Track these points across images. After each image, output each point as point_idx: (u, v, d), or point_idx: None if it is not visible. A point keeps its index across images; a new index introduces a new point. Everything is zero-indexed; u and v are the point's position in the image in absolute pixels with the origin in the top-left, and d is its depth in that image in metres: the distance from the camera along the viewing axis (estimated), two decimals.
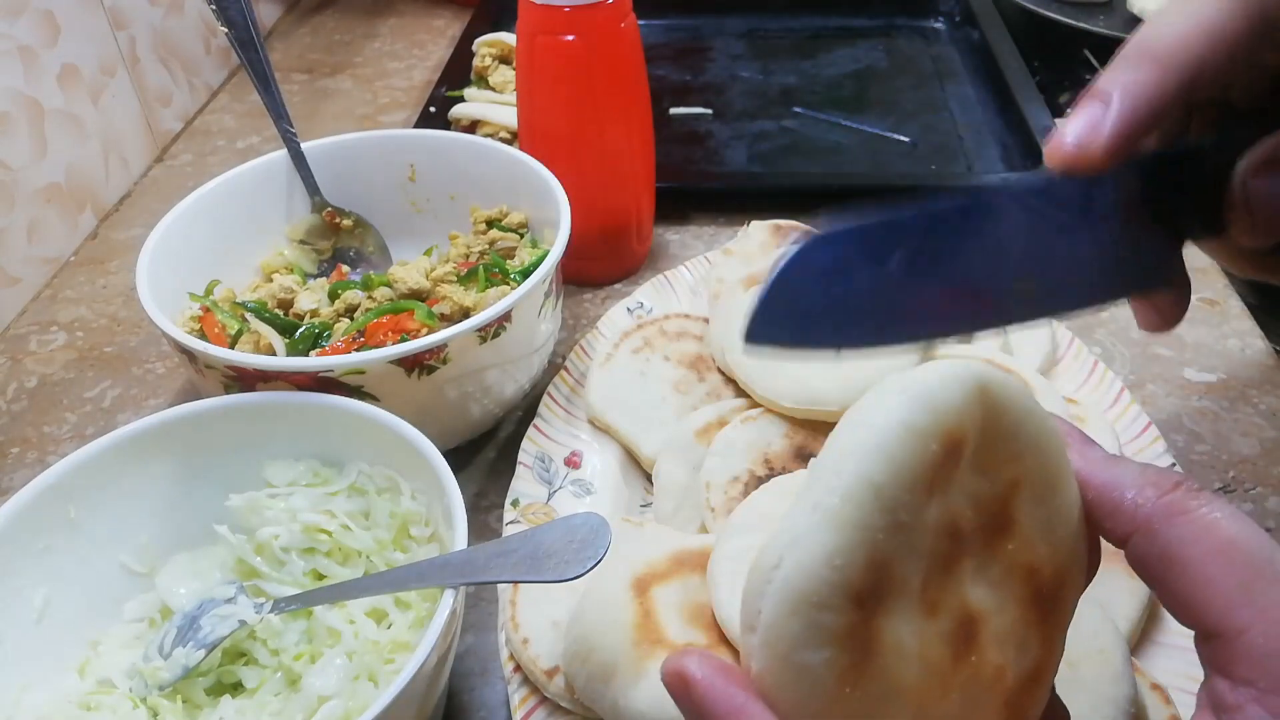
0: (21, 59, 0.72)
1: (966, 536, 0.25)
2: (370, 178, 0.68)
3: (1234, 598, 0.24)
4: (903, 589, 0.24)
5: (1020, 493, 0.26)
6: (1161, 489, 0.25)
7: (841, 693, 0.24)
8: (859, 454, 0.24)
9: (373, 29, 1.11)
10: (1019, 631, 0.27)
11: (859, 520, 0.23)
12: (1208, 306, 0.68)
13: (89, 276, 0.76)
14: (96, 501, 0.46)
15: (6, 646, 0.43)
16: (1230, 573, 0.24)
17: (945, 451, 0.24)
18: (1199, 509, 0.25)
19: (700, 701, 0.24)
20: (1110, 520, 0.26)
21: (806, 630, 0.24)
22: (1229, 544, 0.24)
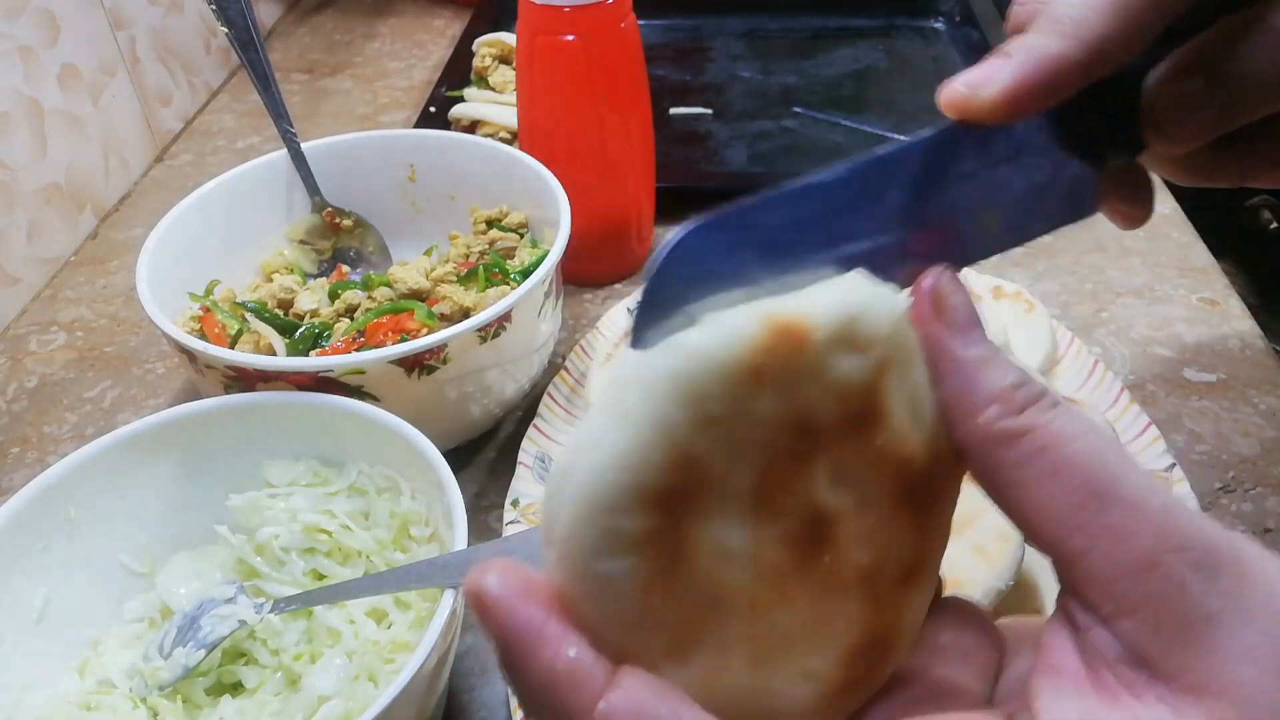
0: (21, 59, 0.72)
1: (821, 431, 0.23)
2: (370, 178, 0.68)
3: (1068, 521, 0.22)
4: (723, 487, 0.22)
5: (887, 378, 0.23)
6: (1009, 408, 0.23)
7: (650, 602, 0.22)
8: (662, 347, 0.22)
9: (373, 29, 1.11)
10: (889, 529, 0.24)
11: (655, 416, 0.21)
12: (1208, 307, 0.68)
13: (89, 276, 0.76)
14: (96, 501, 0.46)
15: (6, 646, 0.43)
16: (1064, 495, 0.22)
17: (773, 335, 0.22)
18: (1040, 428, 0.23)
19: (499, 622, 0.22)
20: (953, 428, 0.24)
21: (602, 538, 0.21)
22: (1065, 464, 0.23)
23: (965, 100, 0.28)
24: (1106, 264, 0.72)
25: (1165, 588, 0.21)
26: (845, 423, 0.23)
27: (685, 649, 0.23)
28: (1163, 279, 0.70)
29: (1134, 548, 0.22)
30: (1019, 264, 0.72)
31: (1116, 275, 0.71)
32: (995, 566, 0.41)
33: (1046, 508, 0.23)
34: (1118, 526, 0.22)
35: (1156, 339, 0.65)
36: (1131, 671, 0.22)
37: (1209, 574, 0.21)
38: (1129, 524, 0.22)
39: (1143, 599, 0.21)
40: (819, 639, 0.24)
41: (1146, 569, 0.21)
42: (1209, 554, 0.21)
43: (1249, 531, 0.52)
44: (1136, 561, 0.21)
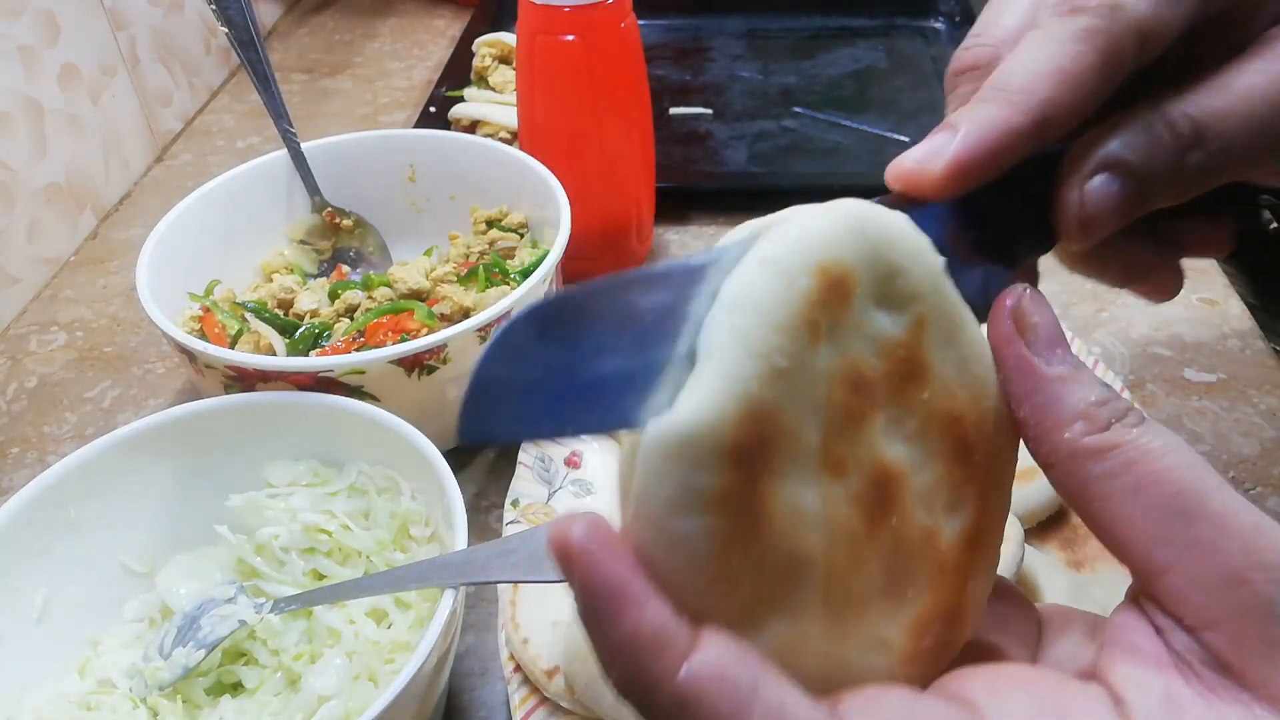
0: (22, 59, 0.72)
1: (873, 386, 0.23)
2: (370, 178, 0.69)
3: (1154, 535, 0.22)
4: (795, 445, 0.22)
5: (926, 333, 0.23)
6: (1095, 425, 0.23)
7: (727, 563, 0.22)
8: (724, 303, 0.22)
9: (373, 29, 1.11)
10: (948, 490, 0.24)
11: (726, 370, 0.21)
12: (1208, 307, 0.68)
13: (89, 277, 0.76)
14: (96, 502, 0.46)
15: (6, 647, 0.43)
16: (1150, 509, 0.23)
17: (824, 289, 0.22)
18: (1126, 443, 0.23)
19: (583, 575, 0.22)
20: (1035, 444, 0.25)
21: (678, 494, 0.21)
22: (1151, 479, 0.23)
23: (912, 175, 0.28)
24: None
25: (1252, 604, 0.21)
26: (892, 377, 0.23)
27: (761, 612, 0.23)
28: None
29: (1220, 564, 0.22)
30: None
31: None
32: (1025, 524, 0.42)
33: (1132, 522, 0.23)
34: (1204, 542, 0.22)
35: (1156, 339, 0.65)
36: (1213, 674, 0.22)
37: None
38: (1216, 540, 0.22)
39: (1227, 615, 0.22)
40: (891, 605, 0.24)
41: (1232, 585, 0.22)
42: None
43: None
44: (1222, 578, 0.22)
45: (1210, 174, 0.29)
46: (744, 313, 0.21)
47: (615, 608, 0.21)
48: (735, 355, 0.21)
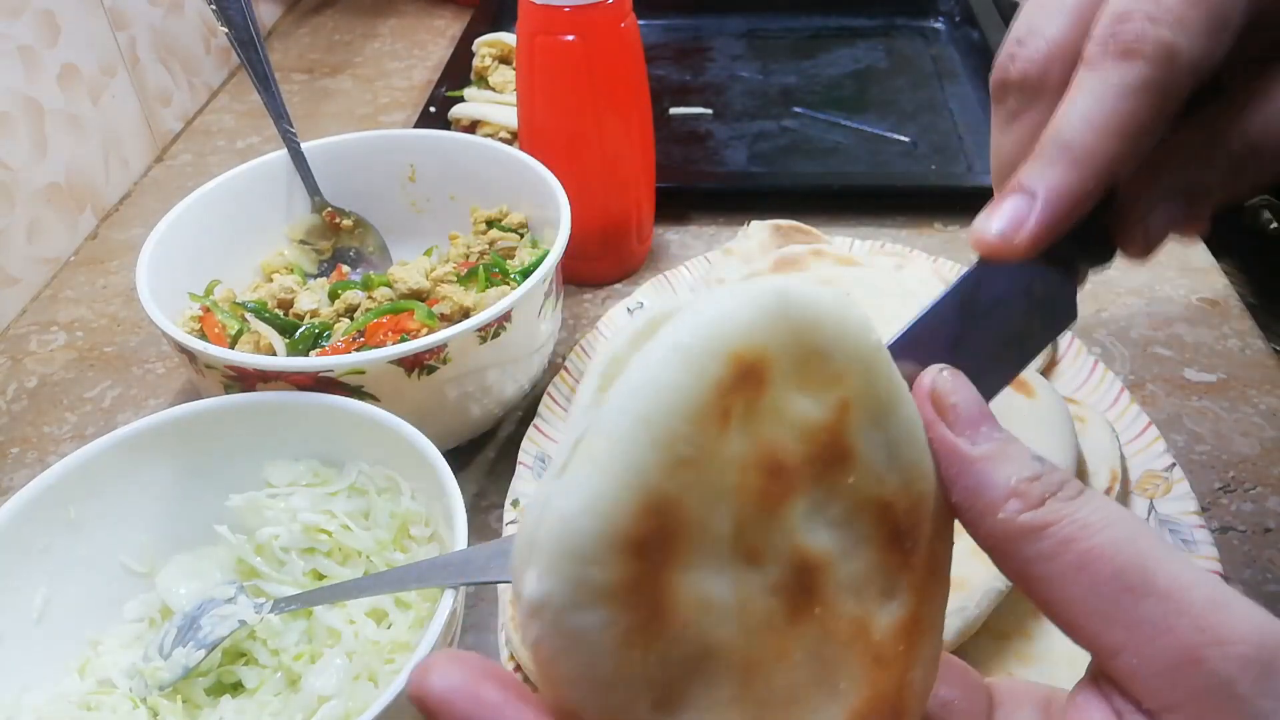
0: (21, 59, 0.72)
1: (791, 471, 0.22)
2: (370, 178, 0.69)
3: (1102, 615, 0.22)
4: (703, 534, 0.21)
5: (851, 416, 0.22)
6: (1028, 502, 0.23)
7: (630, 658, 0.20)
8: (627, 389, 0.20)
9: (373, 29, 1.11)
10: (880, 577, 0.23)
11: (625, 460, 0.20)
12: (1208, 307, 0.68)
13: (89, 276, 0.76)
14: (96, 501, 0.46)
15: (6, 647, 0.43)
16: (1095, 588, 0.22)
17: (737, 376, 0.21)
18: (1063, 520, 0.22)
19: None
20: (971, 529, 0.24)
21: (574, 589, 0.20)
22: (1093, 556, 0.22)
23: (1002, 246, 0.28)
24: None
25: (1209, 684, 0.20)
26: (813, 462, 0.22)
27: (674, 710, 0.21)
28: (1163, 279, 0.70)
29: (1172, 643, 0.21)
30: None
31: (1116, 275, 0.71)
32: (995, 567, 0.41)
33: (1078, 603, 0.22)
34: (1154, 620, 0.21)
35: (1156, 339, 0.65)
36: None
37: (1260, 671, 0.20)
38: (1166, 618, 0.21)
39: (1185, 696, 0.21)
40: (822, 700, 0.23)
41: (1187, 665, 0.21)
42: (1261, 649, 0.21)
43: (1249, 532, 0.53)
44: (1176, 658, 0.21)
45: (1263, 183, 0.30)
46: (647, 399, 0.20)
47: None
48: (636, 443, 0.20)
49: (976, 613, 0.42)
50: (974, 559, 0.42)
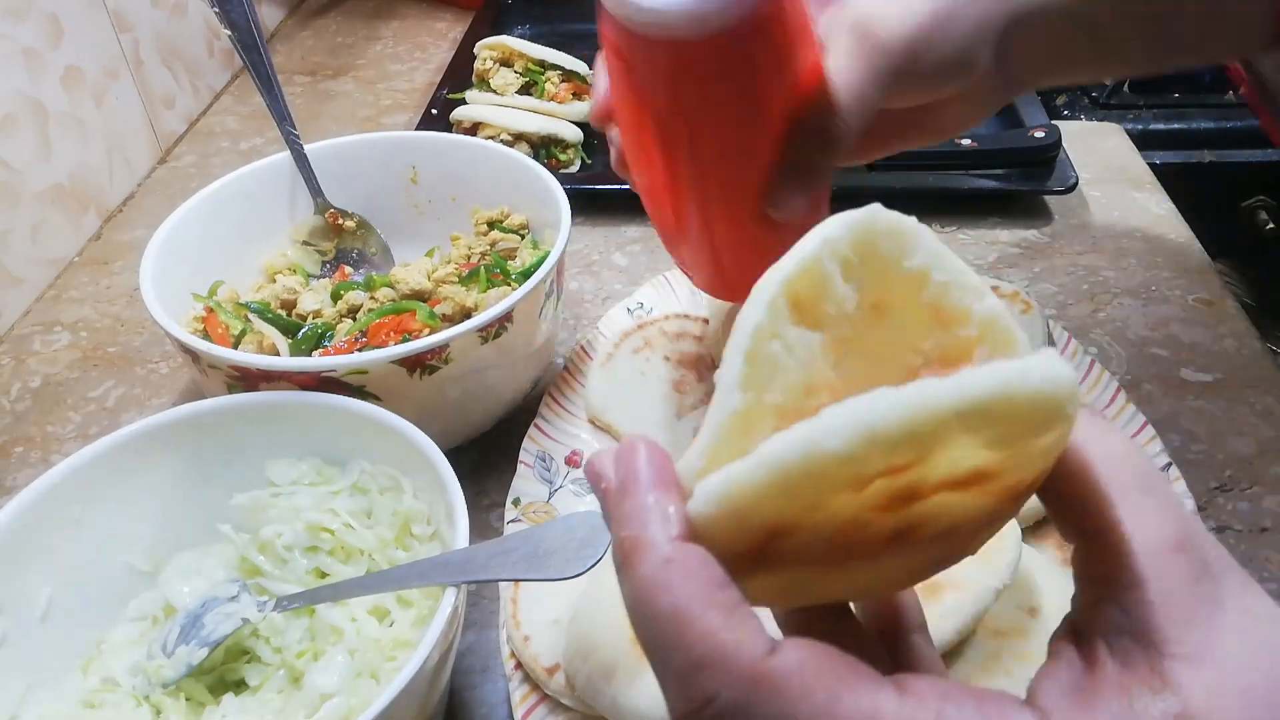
0: (25, 61, 0.73)
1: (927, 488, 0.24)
2: (372, 179, 0.69)
3: (1120, 498, 0.25)
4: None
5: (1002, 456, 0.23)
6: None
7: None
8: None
9: (375, 31, 1.11)
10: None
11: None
12: (1204, 307, 0.68)
13: (92, 277, 0.77)
14: (100, 501, 0.47)
15: (11, 645, 0.43)
16: (1119, 475, 0.25)
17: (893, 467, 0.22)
18: (1092, 419, 0.27)
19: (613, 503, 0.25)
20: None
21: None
22: (1117, 450, 0.26)
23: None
24: (1103, 265, 0.72)
25: (1185, 570, 0.24)
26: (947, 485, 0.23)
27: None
28: (1159, 279, 0.71)
29: (1168, 531, 0.24)
30: (1015, 265, 0.72)
31: (1113, 276, 0.71)
32: (993, 565, 0.42)
33: (1104, 484, 0.25)
34: (1159, 510, 0.25)
35: (1153, 339, 0.66)
36: (1131, 643, 0.24)
37: (1214, 574, 0.24)
38: (1168, 511, 0.25)
39: (1164, 574, 0.24)
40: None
41: (1175, 550, 0.24)
42: (1219, 560, 0.25)
43: (1245, 531, 0.53)
44: (1170, 541, 0.24)
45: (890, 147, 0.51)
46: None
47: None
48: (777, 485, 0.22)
49: (974, 610, 0.42)
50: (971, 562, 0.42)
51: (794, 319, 0.25)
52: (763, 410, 0.24)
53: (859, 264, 0.25)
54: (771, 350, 0.24)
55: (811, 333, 0.25)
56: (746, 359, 0.24)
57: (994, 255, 0.73)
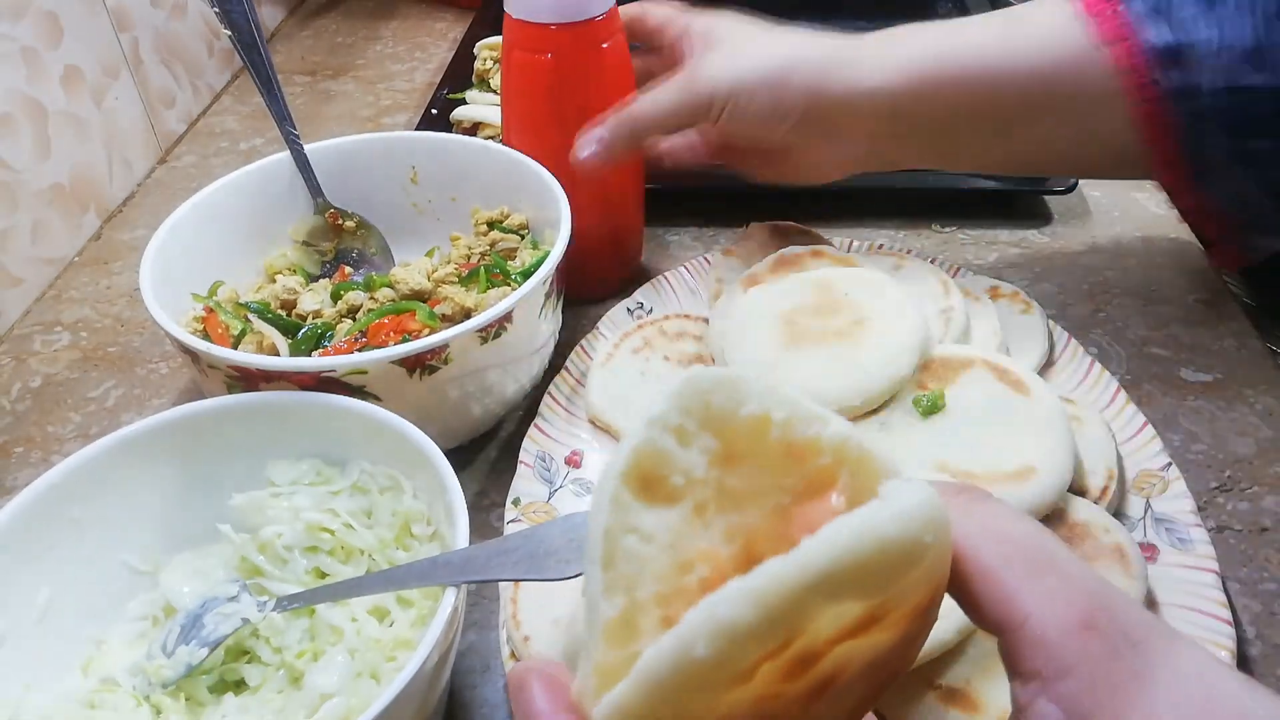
0: (25, 60, 0.72)
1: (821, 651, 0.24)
2: (372, 179, 0.69)
3: (1014, 588, 0.24)
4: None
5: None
6: (945, 491, 0.26)
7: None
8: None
9: (375, 31, 1.11)
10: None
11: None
12: (1205, 306, 0.68)
13: (92, 277, 0.77)
14: (99, 501, 0.47)
15: (9, 646, 0.43)
16: (1009, 563, 0.25)
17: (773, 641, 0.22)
18: (974, 506, 0.26)
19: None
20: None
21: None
22: (1005, 535, 0.25)
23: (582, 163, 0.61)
24: (1103, 264, 0.72)
25: (1101, 649, 0.23)
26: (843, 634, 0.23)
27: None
28: (1159, 279, 0.71)
29: (1073, 610, 0.24)
30: (1016, 264, 0.72)
31: (1113, 275, 0.71)
32: None
33: (990, 575, 0.25)
34: (1059, 590, 0.24)
35: (1153, 338, 0.66)
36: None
37: (1134, 642, 0.24)
38: (1069, 589, 0.24)
39: (1081, 658, 0.23)
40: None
41: (1085, 629, 0.23)
42: (1136, 627, 0.24)
43: (1245, 531, 0.53)
44: (1076, 621, 0.24)
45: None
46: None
47: None
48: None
49: None
50: None
51: (647, 502, 0.25)
52: (641, 606, 0.24)
53: (696, 427, 0.25)
54: (628, 546, 0.24)
55: (668, 509, 0.25)
56: (604, 566, 0.24)
57: (994, 255, 0.73)
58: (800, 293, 0.58)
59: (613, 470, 0.25)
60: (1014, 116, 0.55)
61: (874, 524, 0.21)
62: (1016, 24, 0.55)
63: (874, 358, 0.53)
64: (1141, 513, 0.51)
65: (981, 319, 0.61)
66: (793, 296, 0.58)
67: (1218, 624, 0.45)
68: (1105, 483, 0.51)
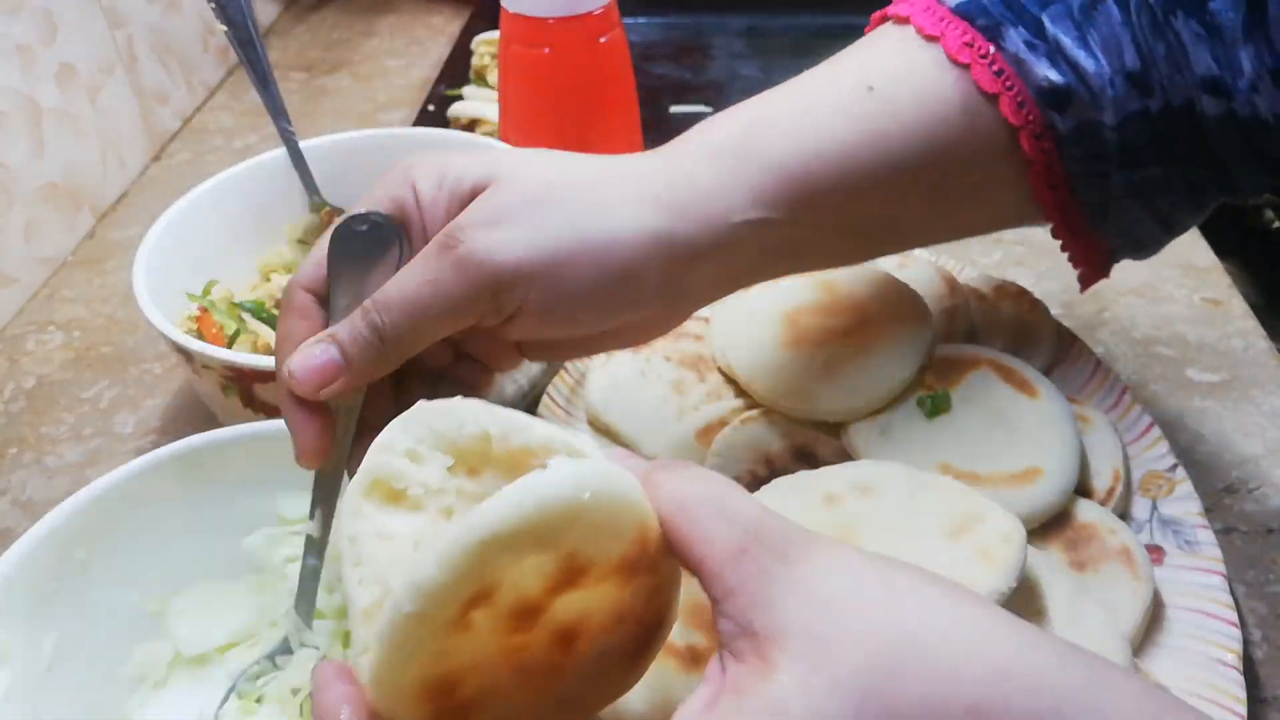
0: (19, 57, 0.72)
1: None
2: (369, 176, 0.67)
3: (692, 536, 0.29)
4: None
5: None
6: (641, 468, 0.31)
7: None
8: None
9: (371, 27, 1.11)
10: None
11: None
12: (1211, 306, 0.67)
13: (86, 276, 0.76)
14: (104, 542, 0.44)
15: (18, 699, 0.41)
16: (691, 518, 0.29)
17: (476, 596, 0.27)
18: (662, 476, 0.30)
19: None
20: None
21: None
22: (685, 495, 0.30)
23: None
24: None
25: (754, 568, 0.28)
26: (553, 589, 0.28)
27: None
28: (1165, 279, 0.70)
29: (730, 543, 0.28)
30: (1022, 263, 0.72)
31: (1119, 275, 0.70)
32: (999, 569, 0.41)
33: (680, 530, 0.29)
34: (721, 528, 0.29)
35: (1159, 339, 0.65)
36: (743, 641, 0.27)
37: (781, 557, 0.28)
38: (730, 526, 0.29)
39: (740, 578, 0.28)
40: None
41: (740, 554, 0.28)
42: (784, 545, 0.28)
43: (1251, 532, 0.52)
44: (734, 550, 0.28)
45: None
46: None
47: None
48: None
49: None
50: (977, 561, 0.42)
51: (392, 510, 0.30)
52: (392, 593, 0.28)
53: (428, 449, 0.30)
54: (370, 546, 0.30)
55: (413, 514, 0.30)
56: (353, 564, 0.29)
57: (999, 254, 0.73)
58: (803, 292, 0.57)
59: (352, 488, 0.30)
60: (895, 209, 0.44)
61: (528, 486, 0.26)
62: (875, 97, 0.43)
63: (877, 358, 0.53)
64: (1148, 514, 0.50)
65: (987, 318, 0.60)
66: (795, 295, 0.57)
67: (1224, 626, 0.44)
68: (1111, 484, 0.50)
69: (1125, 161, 0.43)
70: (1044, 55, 0.42)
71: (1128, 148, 0.43)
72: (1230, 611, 0.45)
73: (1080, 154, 0.43)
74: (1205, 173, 0.44)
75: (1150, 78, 0.42)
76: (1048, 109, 0.42)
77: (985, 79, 0.42)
